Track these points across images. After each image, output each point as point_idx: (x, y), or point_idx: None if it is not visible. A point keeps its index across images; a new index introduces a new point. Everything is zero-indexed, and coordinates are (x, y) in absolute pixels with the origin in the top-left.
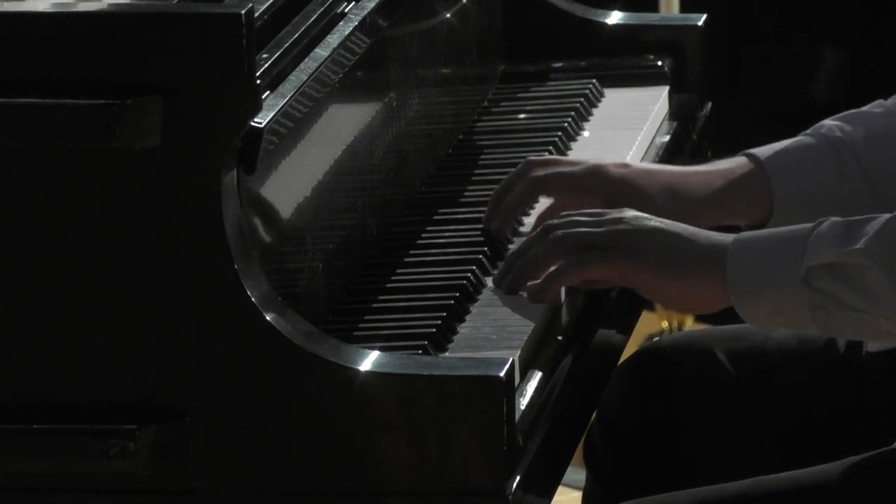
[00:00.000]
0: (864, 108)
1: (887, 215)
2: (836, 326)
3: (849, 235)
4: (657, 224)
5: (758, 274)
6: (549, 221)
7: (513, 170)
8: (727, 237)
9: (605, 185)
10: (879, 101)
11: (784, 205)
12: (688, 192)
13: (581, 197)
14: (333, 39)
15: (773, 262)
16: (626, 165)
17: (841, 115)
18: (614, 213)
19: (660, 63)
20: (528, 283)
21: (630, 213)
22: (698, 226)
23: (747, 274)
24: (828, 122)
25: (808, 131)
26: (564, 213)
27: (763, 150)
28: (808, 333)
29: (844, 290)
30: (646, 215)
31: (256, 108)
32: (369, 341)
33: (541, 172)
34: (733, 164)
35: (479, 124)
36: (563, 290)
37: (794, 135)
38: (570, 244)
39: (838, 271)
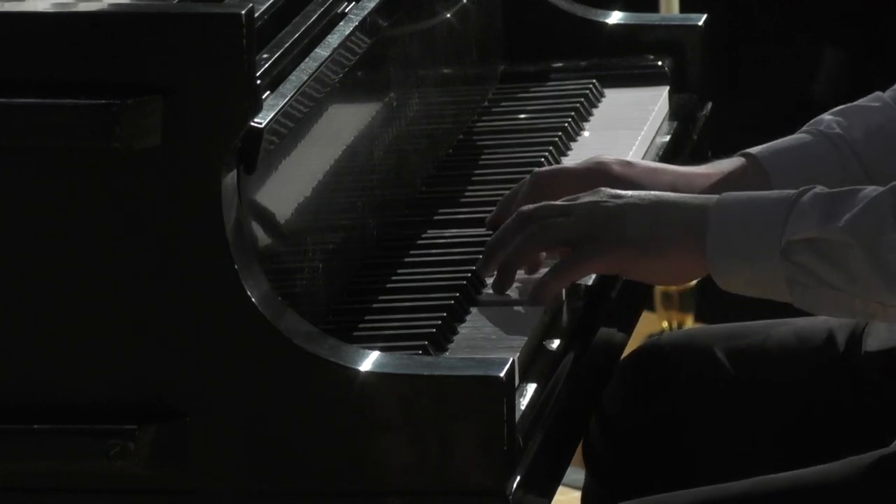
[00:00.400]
0: (862, 102)
1: (871, 189)
2: (812, 302)
3: (831, 210)
4: (631, 201)
5: (737, 245)
6: (523, 209)
7: (513, 170)
8: (708, 200)
9: (608, 183)
10: (877, 94)
11: None
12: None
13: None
14: (333, 39)
15: (753, 233)
16: (628, 164)
17: (838, 108)
18: (588, 197)
19: (660, 63)
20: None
21: (603, 193)
22: None
23: (727, 245)
24: (826, 117)
25: (806, 127)
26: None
27: (761, 150)
28: (806, 330)
29: (823, 266)
30: (619, 193)
31: (256, 108)
32: (369, 341)
33: (545, 172)
34: (733, 164)
35: (479, 124)
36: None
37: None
38: (549, 235)
39: (819, 247)
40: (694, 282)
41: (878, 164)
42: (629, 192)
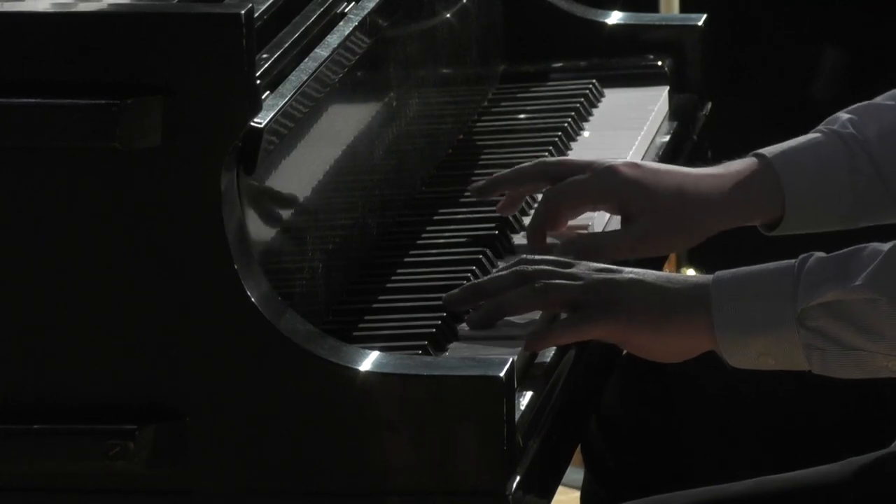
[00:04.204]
0: (878, 100)
1: (874, 245)
2: (831, 366)
3: (843, 271)
4: (631, 276)
5: (745, 317)
6: (522, 266)
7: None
8: (705, 279)
9: (617, 187)
10: (893, 93)
11: (796, 205)
12: (699, 196)
13: (596, 204)
14: (333, 39)
15: (761, 304)
16: (637, 166)
17: (854, 107)
18: (589, 265)
19: (660, 63)
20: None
21: (603, 265)
22: (710, 229)
23: (734, 318)
24: (841, 115)
25: (820, 126)
26: (538, 258)
27: (772, 150)
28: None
29: (841, 327)
30: (617, 267)
31: (256, 108)
32: (369, 341)
33: (555, 192)
34: (742, 165)
35: (479, 124)
36: None
37: (794, 135)
38: (552, 297)
39: (836, 309)
40: None
41: (891, 164)
42: (624, 269)
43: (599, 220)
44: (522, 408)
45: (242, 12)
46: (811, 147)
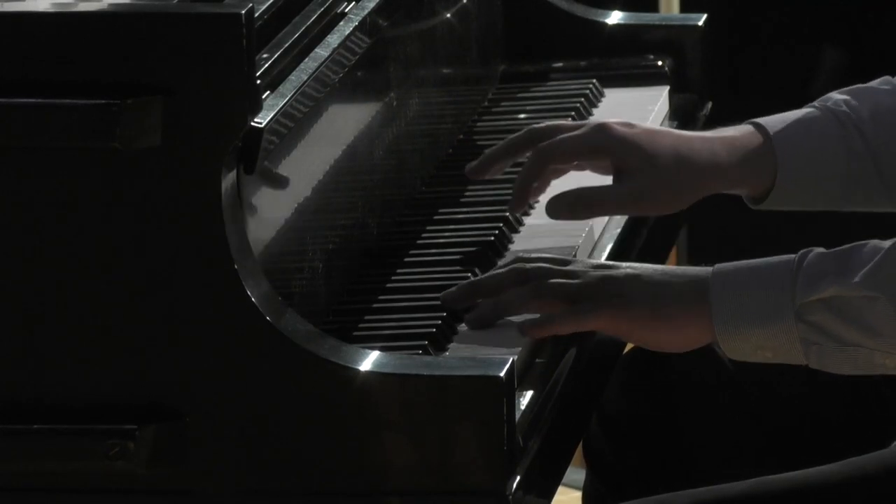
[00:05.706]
0: (872, 84)
1: (873, 242)
2: (828, 361)
3: (842, 268)
4: (629, 271)
5: (744, 309)
6: (520, 265)
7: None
8: (705, 271)
9: (611, 143)
10: (887, 78)
11: (787, 178)
12: (691, 159)
13: (588, 159)
14: (333, 39)
15: (760, 297)
16: (630, 125)
17: (847, 88)
18: (586, 262)
19: (660, 63)
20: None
21: (600, 262)
22: (701, 192)
23: (733, 310)
24: (835, 95)
25: (815, 103)
26: (534, 256)
27: (770, 122)
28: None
29: (839, 323)
30: (614, 263)
31: (256, 108)
32: (369, 341)
33: (546, 144)
34: (739, 132)
35: (479, 124)
36: None
37: None
38: (549, 294)
39: (834, 305)
40: None
41: (884, 145)
42: (621, 264)
43: (598, 225)
44: (523, 407)
45: (242, 12)
46: (807, 121)
